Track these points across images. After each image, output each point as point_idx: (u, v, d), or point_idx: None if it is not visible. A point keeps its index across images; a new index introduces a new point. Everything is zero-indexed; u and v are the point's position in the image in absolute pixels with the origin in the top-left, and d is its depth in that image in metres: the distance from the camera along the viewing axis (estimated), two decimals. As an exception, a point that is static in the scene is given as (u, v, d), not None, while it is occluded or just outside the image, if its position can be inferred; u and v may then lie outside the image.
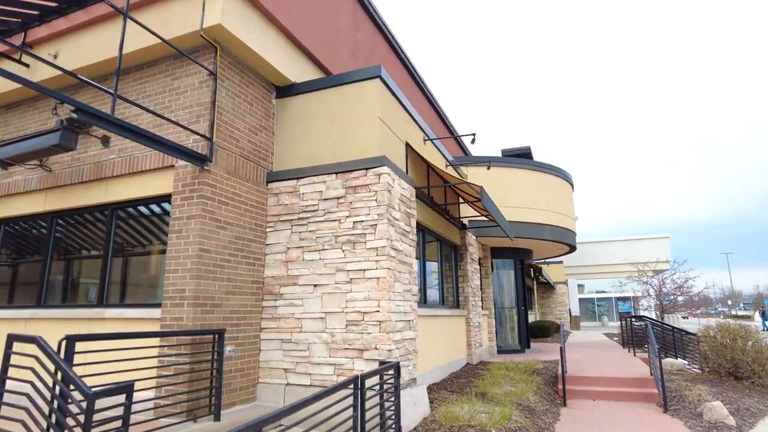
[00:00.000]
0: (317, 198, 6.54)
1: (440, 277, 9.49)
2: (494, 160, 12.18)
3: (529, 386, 8.30)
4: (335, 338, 6.02)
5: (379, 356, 5.74)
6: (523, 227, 12.08)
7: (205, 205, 5.78)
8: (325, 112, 6.88)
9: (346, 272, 6.13)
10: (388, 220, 6.08)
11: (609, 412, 7.49)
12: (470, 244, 11.05)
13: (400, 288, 6.31)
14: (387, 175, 6.20)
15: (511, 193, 12.23)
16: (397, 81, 11.44)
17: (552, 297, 30.74)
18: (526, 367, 9.89)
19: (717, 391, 8.53)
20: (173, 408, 5.25)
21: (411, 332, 6.56)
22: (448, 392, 7.45)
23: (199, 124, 6.07)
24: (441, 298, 9.40)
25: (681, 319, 36.51)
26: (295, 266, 6.48)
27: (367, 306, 5.91)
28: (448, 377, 8.52)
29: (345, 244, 6.22)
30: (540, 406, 7.35)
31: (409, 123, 7.78)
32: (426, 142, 8.75)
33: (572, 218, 14.00)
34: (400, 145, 7.28)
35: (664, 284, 23.36)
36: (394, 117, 7.05)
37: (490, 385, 7.91)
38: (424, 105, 13.76)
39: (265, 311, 6.55)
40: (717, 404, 7.01)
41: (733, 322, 10.07)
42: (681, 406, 7.62)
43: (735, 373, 9.30)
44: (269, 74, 7.00)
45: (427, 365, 7.72)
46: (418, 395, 6.29)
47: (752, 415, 7.38)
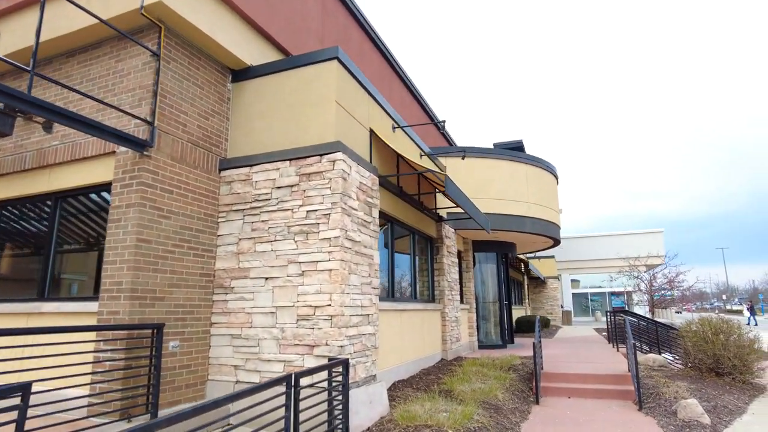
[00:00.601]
0: (270, 186, 6.20)
1: (412, 270, 9.17)
2: (473, 150, 11.83)
3: (501, 383, 8.01)
4: (285, 334, 5.71)
5: (330, 353, 5.42)
6: (503, 220, 11.76)
7: (145, 192, 5.44)
8: (280, 96, 6.54)
9: (298, 264, 5.81)
10: (342, 209, 5.75)
11: (582, 411, 7.20)
12: (447, 236, 10.73)
13: (357, 281, 5.99)
14: (342, 162, 5.86)
15: (491, 185, 11.90)
16: (373, 70, 11.09)
17: (543, 292, 30.49)
18: (503, 363, 9.59)
19: (696, 387, 8.25)
20: (106, 407, 4.93)
21: (370, 327, 6.24)
22: (413, 389, 7.14)
23: (141, 107, 5.72)
24: (413, 292, 9.09)
25: (674, 313, 36.30)
26: (247, 258, 6.15)
27: (318, 300, 5.59)
28: (417, 374, 8.22)
29: (298, 234, 5.89)
30: (509, 404, 7.06)
31: (374, 109, 7.44)
32: (396, 131, 8.41)
33: (556, 211, 13.67)
34: (363, 131, 6.94)
35: (655, 279, 23.11)
36: (355, 101, 6.71)
37: (459, 382, 7.61)
38: (405, 95, 13.42)
39: (216, 305, 6.22)
40: (692, 402, 6.72)
41: (716, 317, 9.77)
42: (657, 404, 7.33)
43: (716, 369, 9.02)
44: (223, 57, 6.65)
45: (393, 361, 7.42)
46: (375, 393, 5.98)
47: (729, 413, 7.10)
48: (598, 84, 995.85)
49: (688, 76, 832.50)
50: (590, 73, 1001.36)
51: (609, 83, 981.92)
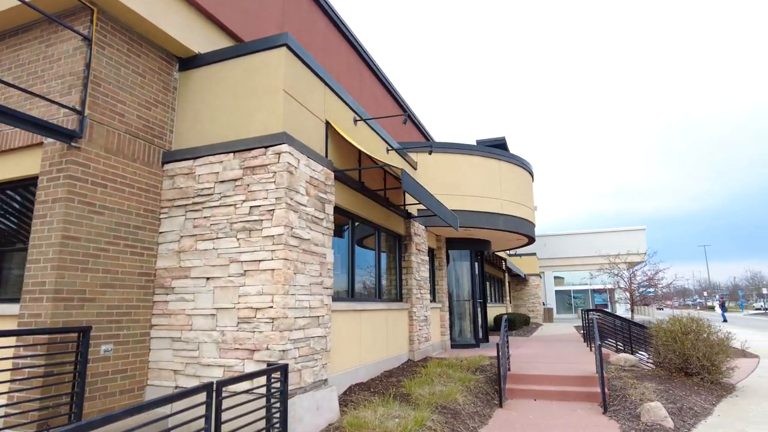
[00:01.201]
0: (213, 180, 5.86)
1: (377, 268, 8.87)
2: (443, 146, 11.56)
3: (464, 385, 7.75)
4: (226, 337, 5.38)
5: (270, 357, 5.11)
6: (475, 217, 11.50)
7: (74, 186, 5.07)
8: (227, 86, 6.18)
9: (240, 264, 5.48)
10: (287, 204, 5.42)
11: (545, 414, 6.97)
12: (416, 234, 10.44)
13: (305, 281, 5.67)
14: (288, 155, 5.53)
15: (463, 181, 11.63)
16: (341, 62, 10.75)
17: (525, 289, 30.41)
18: (471, 364, 9.35)
19: (664, 388, 8.06)
20: (23, 418, 4.57)
21: (320, 329, 5.93)
22: (370, 393, 6.85)
23: (71, 96, 5.34)
24: (377, 291, 8.79)
25: (656, 310, 36.49)
26: (188, 257, 5.80)
27: (260, 301, 5.27)
28: (379, 376, 7.93)
29: (240, 232, 5.56)
30: (469, 407, 6.80)
31: (332, 100, 7.11)
32: (359, 124, 8.09)
33: (531, 208, 13.45)
34: (318, 123, 6.61)
35: (634, 276, 23.10)
36: (307, 91, 6.37)
37: (419, 384, 7.33)
38: (377, 88, 13.10)
39: (156, 306, 5.87)
40: (655, 405, 6.52)
41: (686, 315, 9.61)
42: (622, 407, 7.12)
43: (685, 369, 8.86)
44: (168, 44, 6.27)
45: (350, 364, 7.12)
46: (323, 399, 5.68)
47: (694, 415, 6.91)
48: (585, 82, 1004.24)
49: (674, 73, 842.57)
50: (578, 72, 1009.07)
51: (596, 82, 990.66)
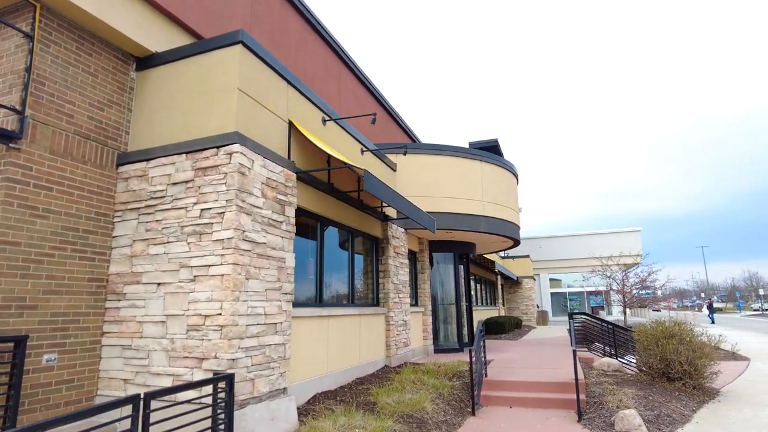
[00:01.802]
0: (166, 182, 5.65)
1: (350, 272, 8.65)
2: (423, 147, 11.36)
3: (437, 392, 7.54)
4: (175, 345, 5.16)
5: (218, 366, 4.89)
6: (456, 219, 11.30)
7: (12, 189, 4.86)
8: (183, 85, 5.98)
9: (189, 269, 5.27)
10: (238, 207, 5.22)
11: (518, 423, 6.75)
12: (395, 236, 10.23)
13: (260, 286, 5.46)
14: (240, 155, 5.32)
15: (443, 183, 11.43)
16: (318, 62, 10.56)
17: (519, 292, 30.16)
18: (449, 369, 9.12)
19: (644, 394, 7.84)
20: (-47, 433, 4.35)
21: (277, 337, 5.71)
22: (335, 402, 6.62)
23: (11, 95, 5.14)
24: (350, 296, 8.57)
25: (652, 312, 36.23)
26: (140, 261, 5.59)
27: (209, 308, 5.06)
28: (349, 384, 7.70)
29: (191, 235, 5.35)
30: (438, 416, 6.58)
31: (296, 99, 6.91)
32: (329, 124, 7.89)
33: (515, 210, 13.24)
34: (279, 123, 6.41)
35: (627, 278, 22.86)
36: (267, 90, 6.17)
37: (389, 392, 7.11)
38: (358, 89, 12.90)
39: (108, 313, 5.66)
40: (629, 413, 6.29)
41: (670, 319, 9.39)
42: (597, 414, 6.91)
43: (667, 374, 8.62)
44: (122, 42, 6.07)
45: (315, 372, 6.89)
46: (279, 409, 5.46)
47: (671, 422, 6.69)
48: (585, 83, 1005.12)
49: (672, 74, 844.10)
50: (577, 72, 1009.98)
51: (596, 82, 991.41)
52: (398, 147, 10.53)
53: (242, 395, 5.02)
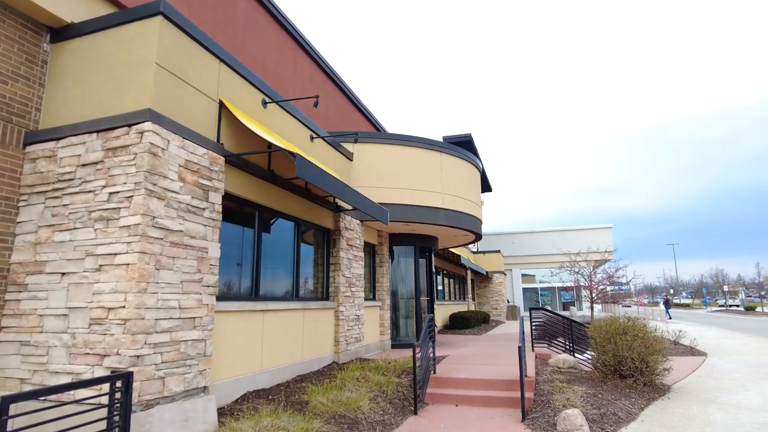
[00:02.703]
0: (75, 164, 5.17)
1: (294, 265, 8.25)
2: (381, 137, 11.00)
3: (379, 390, 7.23)
4: (77, 341, 4.71)
5: (120, 363, 4.47)
6: (413, 210, 10.98)
7: None
8: (101, 58, 5.49)
9: (95, 257, 4.81)
10: (148, 191, 4.78)
11: (460, 423, 6.47)
12: (348, 228, 9.86)
13: (174, 278, 5.04)
14: (152, 134, 4.88)
15: (402, 173, 11.08)
16: (270, 44, 10.08)
17: (489, 287, 30.14)
18: (400, 366, 8.81)
19: (593, 392, 7.66)
20: None
21: (196, 332, 5.30)
22: (266, 401, 6.25)
23: None
24: (294, 290, 8.18)
25: (621, 308, 36.59)
26: (44, 249, 5.11)
27: (113, 300, 4.62)
28: (287, 382, 7.32)
29: (98, 221, 4.89)
30: (375, 416, 6.26)
31: (230, 78, 6.47)
32: (272, 107, 7.46)
33: (477, 204, 13.00)
34: (207, 102, 5.96)
35: (594, 274, 22.93)
36: (192, 67, 5.72)
37: (326, 391, 6.76)
38: (316, 74, 12.44)
39: (8, 306, 5.16)
40: (572, 412, 6.06)
41: (624, 315, 9.26)
42: (542, 413, 6.67)
43: (620, 371, 8.47)
44: (33, 11, 5.54)
45: (246, 369, 6.50)
46: (195, 410, 5.06)
47: (616, 422, 6.49)
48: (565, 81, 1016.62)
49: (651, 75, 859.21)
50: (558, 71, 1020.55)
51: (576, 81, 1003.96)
52: (349, 135, 10.13)
53: (149, 395, 4.61)
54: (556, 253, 28.23)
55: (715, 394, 8.30)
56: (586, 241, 31.84)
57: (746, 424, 6.49)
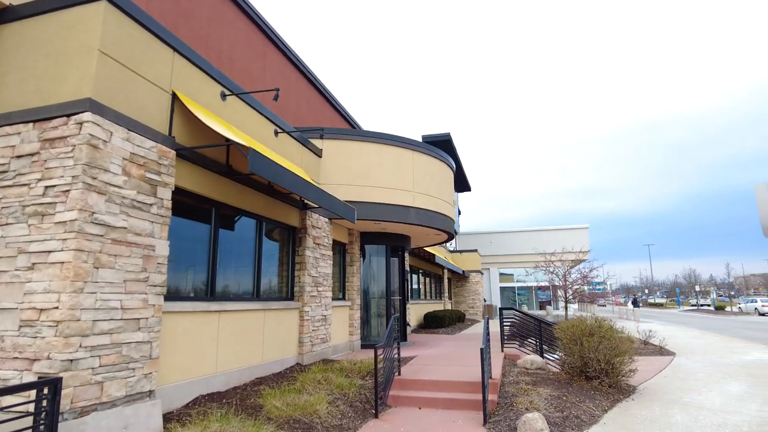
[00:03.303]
0: (9, 155, 4.87)
1: (256, 264, 8.01)
2: (352, 133, 10.81)
3: (341, 393, 7.06)
4: (5, 344, 4.42)
5: (50, 368, 4.20)
6: (384, 209, 10.81)
7: None
8: (41, 44, 5.18)
9: (28, 255, 4.53)
10: (87, 185, 4.51)
11: (420, 426, 6.32)
12: (315, 226, 9.64)
13: (115, 277, 4.78)
14: (92, 125, 4.61)
15: (373, 171, 10.91)
16: (237, 36, 9.80)
17: (466, 286, 30.19)
18: (365, 367, 8.63)
19: (558, 394, 7.59)
20: None
21: (140, 334, 5.04)
22: (219, 405, 6.01)
23: None
24: (256, 290, 7.93)
25: (597, 307, 37.05)
26: (-26, 246, 4.80)
27: (45, 301, 4.34)
28: (245, 384, 7.09)
29: (32, 216, 4.61)
30: (332, 420, 6.07)
31: (185, 70, 6.20)
32: (232, 100, 7.21)
33: (449, 203, 12.89)
34: (159, 94, 5.69)
35: (569, 274, 23.11)
36: (141, 55, 5.45)
37: (284, 394, 6.55)
38: (287, 68, 12.18)
39: (-65, 307, 4.83)
40: (533, 416, 5.96)
41: (592, 316, 9.24)
42: (504, 417, 6.56)
43: (586, 373, 8.43)
44: (-33, -10, 5.21)
45: (200, 372, 6.25)
46: (137, 415, 4.81)
47: (578, 425, 6.42)
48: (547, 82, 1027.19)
49: (630, 77, 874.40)
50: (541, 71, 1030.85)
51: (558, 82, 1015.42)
52: (315, 130, 9.91)
53: (84, 401, 4.35)
54: (533, 253, 28.50)
55: (678, 394, 8.32)
56: (562, 241, 32.14)
57: (706, 426, 6.48)
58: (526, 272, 25.43)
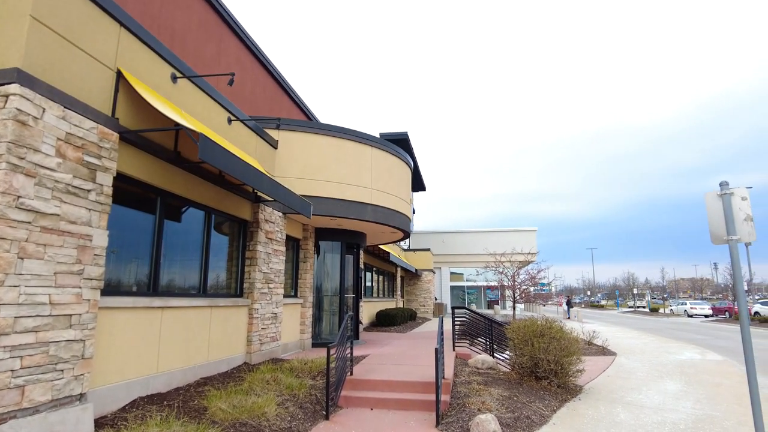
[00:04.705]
0: None
1: (203, 258, 7.59)
2: (309, 126, 10.51)
3: (290, 394, 6.80)
4: None
5: (-38, 371, 3.72)
6: (340, 205, 10.58)
7: None
8: (-36, 6, 4.62)
9: (-59, 242, 4.01)
10: (12, 165, 4.04)
11: (373, 428, 6.16)
12: (268, 220, 9.28)
13: (44, 269, 4.32)
14: (21, 99, 4.14)
15: (330, 166, 10.65)
16: (190, 17, 9.27)
17: (418, 284, 30.38)
18: (317, 366, 8.40)
19: (509, 395, 7.64)
20: None
21: (71, 332, 4.60)
22: (160, 407, 5.61)
23: None
24: (203, 285, 7.52)
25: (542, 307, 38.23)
26: None
27: (-42, 294, 3.85)
28: (189, 385, 6.69)
29: (-53, 199, 4.08)
30: (281, 422, 5.80)
31: (132, 46, 5.74)
32: (183, 83, 6.77)
33: (406, 201, 12.82)
34: (102, 70, 5.22)
35: (518, 275, 23.63)
36: (83, 27, 4.97)
37: (230, 395, 6.22)
38: (243, 55, 11.70)
39: None
40: (485, 418, 5.93)
41: (542, 317, 9.39)
42: (457, 418, 6.50)
43: (536, 373, 8.55)
44: None
45: (139, 372, 5.82)
46: (65, 421, 4.38)
47: (530, 425, 6.46)
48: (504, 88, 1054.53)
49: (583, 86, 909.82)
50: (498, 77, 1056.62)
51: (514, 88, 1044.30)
52: (271, 120, 9.55)
53: (1, 408, 3.89)
54: (483, 253, 28.98)
55: (621, 394, 8.58)
56: (512, 243, 32.90)
57: (647, 424, 6.70)
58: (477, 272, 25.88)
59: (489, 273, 25.20)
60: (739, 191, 5.06)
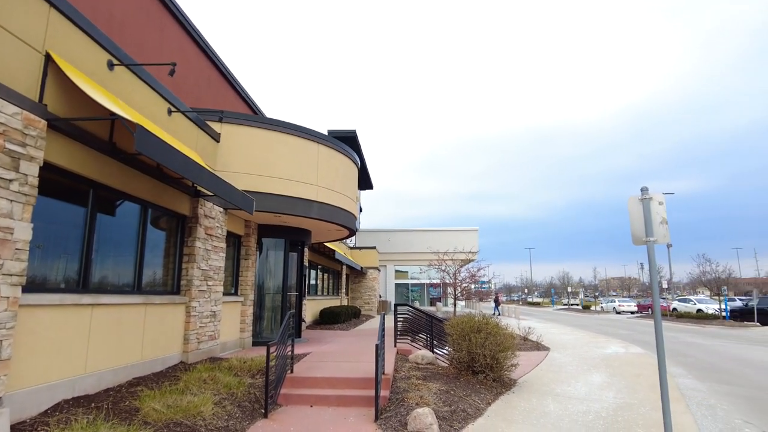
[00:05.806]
0: None
1: (138, 254, 7.30)
2: (254, 120, 10.32)
3: (228, 393, 6.69)
4: None
5: None
6: (286, 201, 10.47)
7: None
8: None
9: None
10: (-76, 151, 3.75)
11: (311, 425, 6.17)
12: (208, 216, 9.04)
13: (-41, 263, 4.03)
14: (-65, 81, 3.84)
15: (276, 162, 10.50)
16: (132, 5, 8.87)
17: (363, 282, 30.52)
18: (256, 365, 8.29)
19: (447, 389, 7.87)
20: None
21: (-13, 330, 4.32)
22: (88, 410, 5.36)
23: None
24: (137, 282, 7.23)
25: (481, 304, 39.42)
26: None
27: None
28: (120, 385, 6.43)
29: None
30: (218, 422, 5.71)
31: (63, 29, 5.44)
32: (120, 71, 6.48)
33: (352, 199, 12.87)
34: (29, 53, 4.92)
35: (459, 273, 24.28)
36: (7, 5, 4.66)
37: (164, 395, 6.04)
38: (187, 45, 11.32)
39: None
40: (422, 411, 6.10)
41: (480, 313, 9.74)
42: (395, 413, 6.63)
43: (472, 367, 8.85)
44: None
45: (64, 373, 5.53)
46: (-21, 427, 4.11)
47: (465, 418, 6.69)
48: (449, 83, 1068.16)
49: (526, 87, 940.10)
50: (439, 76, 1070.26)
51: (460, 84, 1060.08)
52: (213, 113, 9.32)
53: None
54: (427, 252, 29.53)
55: (552, 386, 9.06)
56: (454, 242, 33.73)
57: (573, 413, 7.14)
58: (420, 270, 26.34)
59: (432, 271, 25.72)
60: (657, 197, 5.49)
